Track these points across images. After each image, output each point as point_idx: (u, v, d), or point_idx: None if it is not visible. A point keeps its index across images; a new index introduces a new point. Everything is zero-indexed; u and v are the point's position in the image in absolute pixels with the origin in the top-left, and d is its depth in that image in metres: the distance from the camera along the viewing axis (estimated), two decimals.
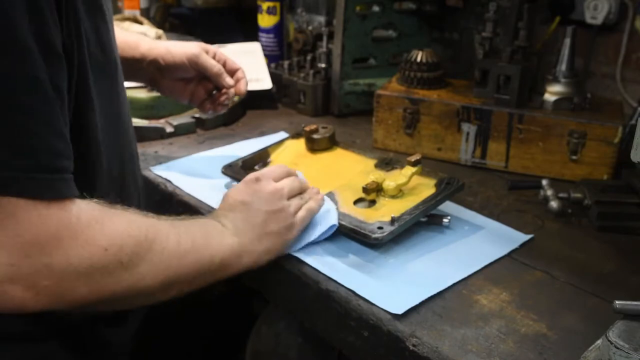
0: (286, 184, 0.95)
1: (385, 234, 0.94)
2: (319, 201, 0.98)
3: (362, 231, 0.95)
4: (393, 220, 0.96)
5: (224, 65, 1.19)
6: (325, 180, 1.11)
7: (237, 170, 1.14)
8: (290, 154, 1.22)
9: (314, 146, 1.22)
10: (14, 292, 0.67)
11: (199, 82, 1.21)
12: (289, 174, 0.98)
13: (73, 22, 0.74)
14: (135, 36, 1.17)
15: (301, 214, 0.94)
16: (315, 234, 0.96)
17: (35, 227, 0.66)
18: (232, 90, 1.19)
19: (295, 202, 0.94)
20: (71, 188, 0.70)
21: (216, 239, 0.85)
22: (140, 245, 0.74)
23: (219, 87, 1.20)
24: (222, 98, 1.20)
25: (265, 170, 0.98)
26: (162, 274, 0.76)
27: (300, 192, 0.97)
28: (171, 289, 0.79)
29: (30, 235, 0.66)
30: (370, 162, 1.18)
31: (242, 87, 1.19)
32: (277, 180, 0.95)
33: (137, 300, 0.78)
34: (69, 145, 0.71)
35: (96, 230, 0.70)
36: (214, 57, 1.18)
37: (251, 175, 0.95)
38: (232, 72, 1.20)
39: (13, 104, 0.65)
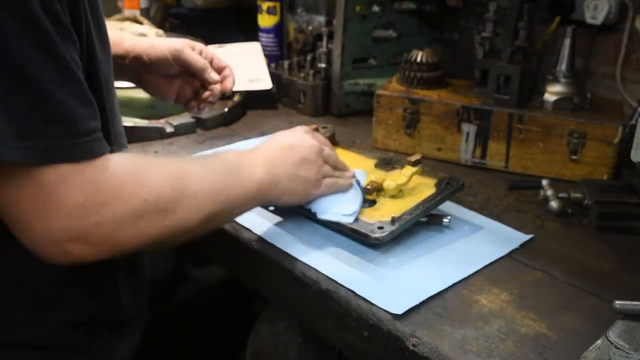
0: (328, 150, 1.02)
1: (385, 233, 0.94)
2: (348, 182, 1.03)
3: (363, 231, 0.95)
4: (393, 220, 0.96)
5: (211, 62, 1.17)
6: None
7: None
8: None
9: None
10: (73, 248, 0.72)
11: (185, 80, 1.18)
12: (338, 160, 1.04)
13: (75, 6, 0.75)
14: (118, 33, 1.16)
15: (328, 180, 1.00)
16: (339, 210, 0.99)
17: (80, 190, 0.71)
18: (217, 87, 1.17)
19: (328, 167, 1.00)
20: (103, 145, 0.74)
21: (247, 173, 0.90)
22: (176, 192, 0.79)
23: (205, 85, 1.18)
24: (206, 94, 1.18)
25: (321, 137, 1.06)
26: (199, 214, 0.81)
27: (337, 167, 1.03)
28: (211, 223, 0.85)
29: (77, 198, 0.71)
30: (370, 162, 1.18)
31: (228, 84, 1.18)
32: (327, 151, 1.01)
33: (181, 239, 0.82)
34: (94, 106, 0.75)
35: (135, 183, 0.75)
36: (200, 54, 1.16)
37: (304, 127, 1.03)
38: (219, 70, 1.18)
39: (36, 80, 0.67)
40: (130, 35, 1.19)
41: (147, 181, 0.77)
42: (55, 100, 0.69)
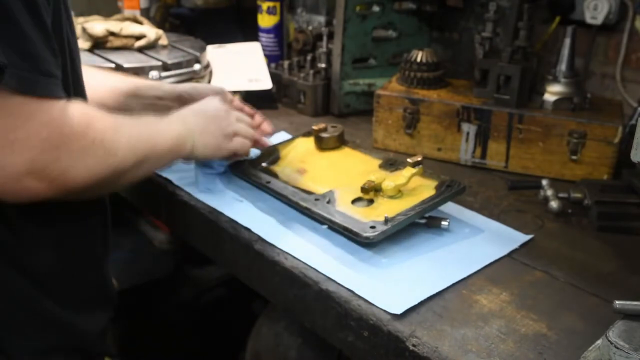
0: (237, 113, 1.15)
1: (376, 233, 0.94)
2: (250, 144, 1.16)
3: (355, 229, 0.95)
4: (386, 220, 0.96)
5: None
6: (330, 178, 1.12)
7: (245, 168, 1.16)
8: (299, 151, 1.23)
9: (322, 145, 1.22)
10: (31, 183, 0.78)
11: None
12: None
13: None
14: (157, 82, 1.34)
15: (239, 139, 1.12)
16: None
17: (45, 126, 0.78)
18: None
19: (239, 124, 1.13)
20: (62, 91, 0.82)
21: (165, 126, 1.02)
22: (116, 135, 0.89)
23: None
24: None
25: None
26: (133, 156, 0.92)
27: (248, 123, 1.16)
28: (140, 168, 0.95)
29: (43, 133, 0.78)
30: (375, 162, 1.17)
31: (267, 128, 1.25)
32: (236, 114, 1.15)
33: (121, 181, 0.93)
34: (58, 57, 0.83)
35: (85, 126, 0.84)
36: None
37: (218, 96, 1.16)
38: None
39: (17, 17, 0.74)
40: (167, 84, 1.33)
41: (94, 125, 0.86)
42: (26, 35, 0.75)
